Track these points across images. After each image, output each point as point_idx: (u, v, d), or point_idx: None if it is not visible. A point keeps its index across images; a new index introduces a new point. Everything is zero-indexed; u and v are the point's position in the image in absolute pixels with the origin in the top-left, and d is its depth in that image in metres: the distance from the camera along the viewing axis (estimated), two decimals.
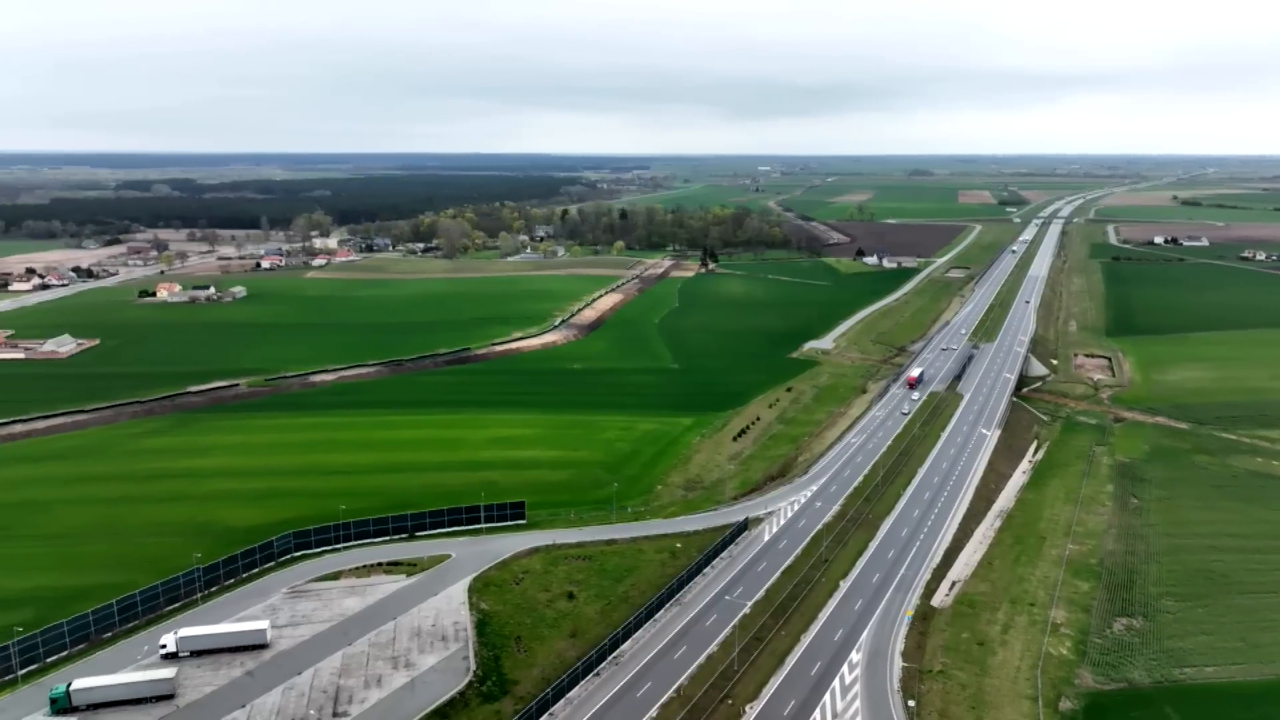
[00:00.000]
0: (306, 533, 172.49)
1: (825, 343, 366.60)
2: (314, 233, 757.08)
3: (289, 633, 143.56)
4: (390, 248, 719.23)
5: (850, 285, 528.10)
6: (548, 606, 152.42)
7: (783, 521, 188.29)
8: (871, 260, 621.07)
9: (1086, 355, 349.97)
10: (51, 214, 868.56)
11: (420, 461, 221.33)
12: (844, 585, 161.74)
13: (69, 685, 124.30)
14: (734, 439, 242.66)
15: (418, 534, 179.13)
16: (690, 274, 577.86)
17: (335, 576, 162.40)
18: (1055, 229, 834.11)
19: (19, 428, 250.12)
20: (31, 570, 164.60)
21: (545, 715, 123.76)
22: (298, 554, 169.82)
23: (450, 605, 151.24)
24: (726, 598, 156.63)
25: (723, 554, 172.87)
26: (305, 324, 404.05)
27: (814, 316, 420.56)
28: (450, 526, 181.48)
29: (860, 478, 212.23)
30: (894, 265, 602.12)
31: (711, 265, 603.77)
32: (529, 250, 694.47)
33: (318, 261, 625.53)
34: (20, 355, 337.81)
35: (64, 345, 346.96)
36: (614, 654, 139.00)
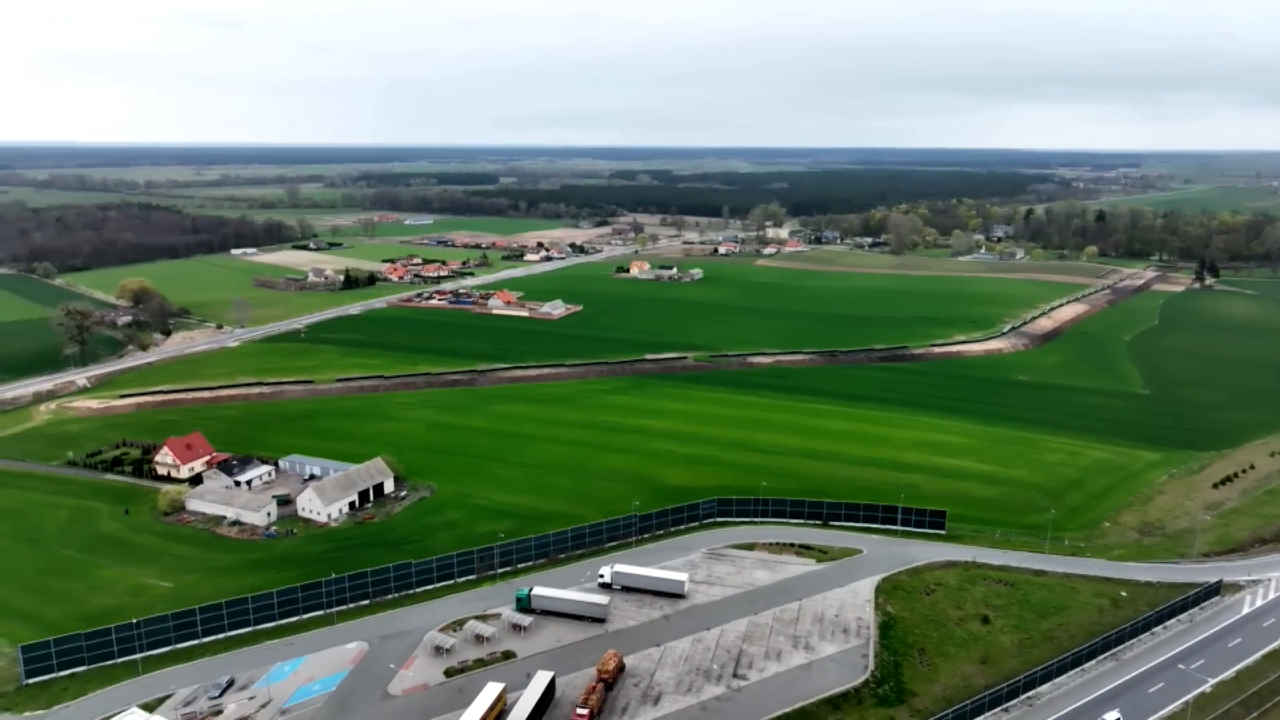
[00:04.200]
0: (729, 502, 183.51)
1: None
2: (768, 223, 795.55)
3: (703, 590, 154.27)
4: (838, 241, 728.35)
5: None
6: (958, 625, 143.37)
7: (1273, 594, 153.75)
8: None
9: None
10: (559, 198, 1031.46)
11: (842, 453, 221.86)
12: None
13: (530, 590, 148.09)
14: (1214, 486, 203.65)
15: (831, 523, 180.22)
16: (1179, 289, 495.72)
17: (749, 547, 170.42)
18: None
19: (519, 373, 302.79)
20: (515, 490, 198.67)
21: None
22: (719, 519, 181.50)
23: (855, 600, 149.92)
24: (1180, 667, 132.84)
25: (1181, 616, 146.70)
26: (750, 308, 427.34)
27: None
28: (864, 522, 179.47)
29: None
30: None
31: (1209, 280, 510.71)
32: (983, 251, 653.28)
33: (768, 250, 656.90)
34: (526, 313, 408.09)
35: (556, 309, 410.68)
36: (1029, 693, 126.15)
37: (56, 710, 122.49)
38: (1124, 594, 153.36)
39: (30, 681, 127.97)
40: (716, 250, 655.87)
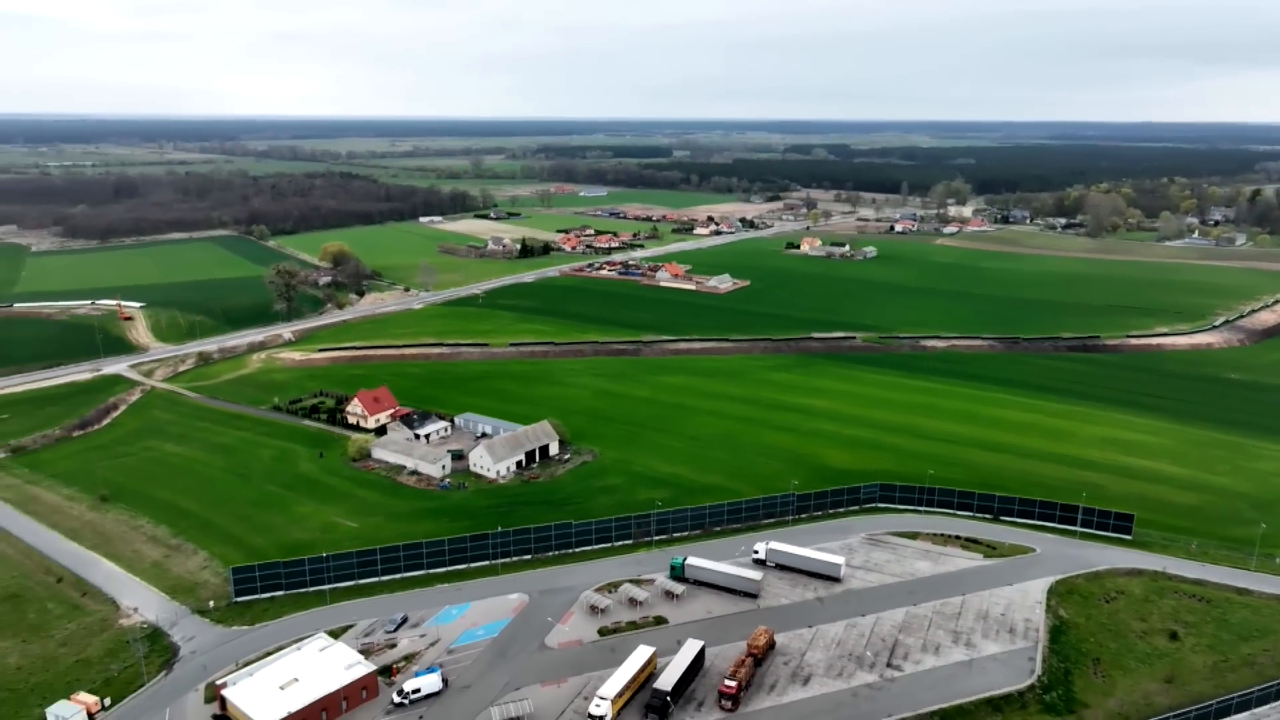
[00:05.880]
0: (892, 488, 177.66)
1: None
2: (950, 200, 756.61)
3: (860, 575, 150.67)
4: (1027, 221, 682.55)
5: None
6: (1141, 638, 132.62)
7: None
8: None
9: None
10: (732, 172, 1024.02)
11: (1018, 445, 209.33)
12: None
13: (685, 559, 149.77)
14: None
15: (1002, 518, 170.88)
16: None
17: (912, 536, 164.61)
18: None
19: (683, 345, 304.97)
20: (674, 460, 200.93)
21: None
22: (881, 505, 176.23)
23: (1025, 600, 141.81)
24: None
25: None
26: (925, 289, 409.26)
27: None
28: (1039, 520, 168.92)
29: None
30: None
31: None
32: (1195, 235, 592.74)
33: (949, 229, 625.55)
34: (693, 287, 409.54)
35: (723, 283, 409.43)
36: None
37: (257, 628, 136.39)
38: None
39: (238, 600, 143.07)
40: (893, 228, 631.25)
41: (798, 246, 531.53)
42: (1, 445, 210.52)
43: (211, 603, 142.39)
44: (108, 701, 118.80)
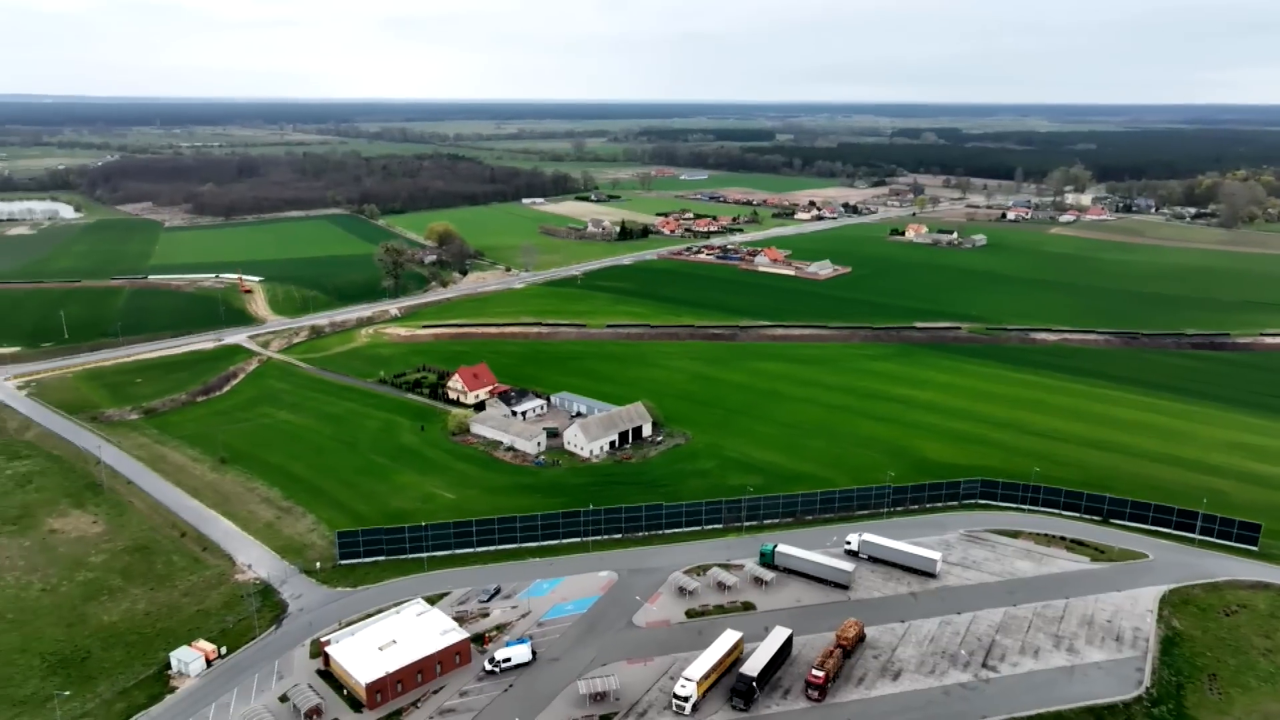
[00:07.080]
0: (994, 484, 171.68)
1: None
2: (1068, 187, 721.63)
3: (957, 572, 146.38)
4: (1152, 210, 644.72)
5: None
6: (1264, 656, 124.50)
7: None
8: None
9: None
10: (836, 156, 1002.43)
11: (1133, 446, 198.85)
12: None
13: (775, 546, 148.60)
14: None
15: (1112, 520, 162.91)
16: None
17: (1014, 535, 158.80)
18: None
19: (780, 331, 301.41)
20: (767, 447, 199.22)
21: None
22: (981, 501, 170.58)
23: (1134, 608, 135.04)
24: None
25: None
26: (1037, 279, 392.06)
27: None
28: (1153, 525, 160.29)
29: None
30: None
31: None
32: None
33: (1065, 217, 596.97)
34: (792, 272, 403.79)
35: (823, 269, 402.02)
36: None
37: (359, 590, 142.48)
38: None
39: (342, 562, 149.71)
40: (1004, 215, 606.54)
41: (903, 233, 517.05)
42: (135, 407, 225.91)
43: (318, 564, 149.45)
44: (224, 650, 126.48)
